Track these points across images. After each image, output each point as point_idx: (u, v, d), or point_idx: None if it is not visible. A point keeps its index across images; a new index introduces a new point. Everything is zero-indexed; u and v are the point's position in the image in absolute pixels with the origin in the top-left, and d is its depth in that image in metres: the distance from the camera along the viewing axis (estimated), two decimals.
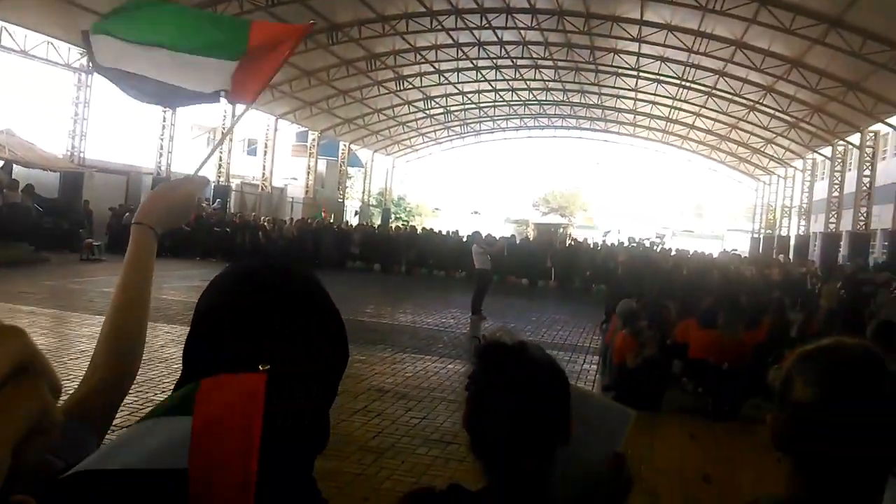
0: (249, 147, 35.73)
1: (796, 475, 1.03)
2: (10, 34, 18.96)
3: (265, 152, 31.64)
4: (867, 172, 24.64)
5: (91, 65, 1.68)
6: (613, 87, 30.64)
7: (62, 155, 21.53)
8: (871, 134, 24.86)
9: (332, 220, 28.84)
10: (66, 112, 21.67)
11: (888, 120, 22.35)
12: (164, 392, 6.44)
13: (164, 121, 24.44)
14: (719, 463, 5.68)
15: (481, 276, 13.91)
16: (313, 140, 34.61)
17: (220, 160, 28.21)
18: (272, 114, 30.26)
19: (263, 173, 31.70)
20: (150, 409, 0.80)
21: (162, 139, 24.59)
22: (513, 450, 1.20)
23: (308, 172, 34.80)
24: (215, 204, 26.26)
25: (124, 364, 1.14)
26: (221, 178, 28.33)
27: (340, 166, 38.24)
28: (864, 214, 24.23)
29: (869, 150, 24.94)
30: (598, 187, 57.21)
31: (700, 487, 5.11)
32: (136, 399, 6.05)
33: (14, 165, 18.72)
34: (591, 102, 34.26)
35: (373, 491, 4.69)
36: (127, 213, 17.41)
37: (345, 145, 37.57)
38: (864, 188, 24.51)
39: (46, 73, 21.96)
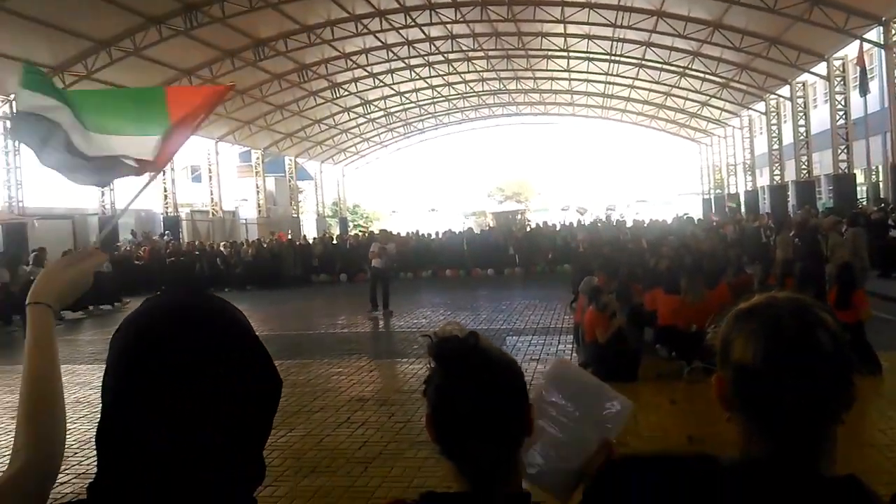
0: (194, 174, 35.07)
1: (748, 435, 1.03)
2: None
3: (210, 177, 31.07)
4: (802, 122, 25.36)
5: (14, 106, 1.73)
6: (546, 70, 30.92)
7: (1, 207, 20.81)
8: (800, 85, 25.61)
9: (289, 238, 28.52)
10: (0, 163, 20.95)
11: (813, 70, 23.05)
12: None
13: None
14: (701, 424, 5.78)
15: (374, 274, 14.25)
16: (257, 158, 34.13)
17: (166, 191, 27.63)
18: (211, 137, 29.73)
19: (212, 199, 31.13)
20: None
21: None
22: (483, 445, 1.17)
23: (257, 192, 34.32)
24: (165, 236, 25.71)
25: (46, 447, 1.11)
26: (169, 209, 27.74)
27: (289, 181, 37.81)
28: (806, 163, 24.96)
29: (800, 101, 25.67)
30: (548, 169, 57.80)
31: (686, 450, 5.20)
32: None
33: None
34: (527, 87, 34.52)
35: (365, 501, 4.66)
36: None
37: (290, 160, 37.15)
38: (802, 138, 25.23)
39: None
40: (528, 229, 27.60)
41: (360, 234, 30.56)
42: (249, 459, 0.86)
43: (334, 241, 26.98)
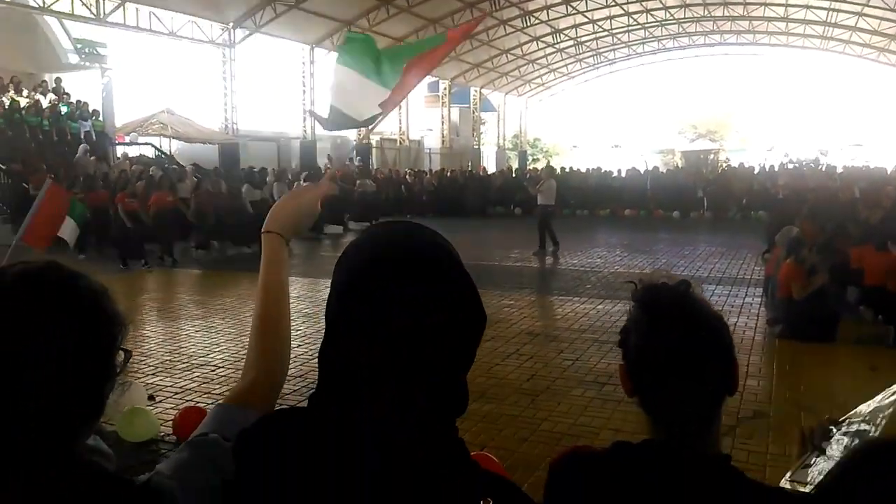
0: None
1: None
2: (158, 19, 20.35)
3: (400, 107, 32.16)
4: None
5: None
6: None
7: (218, 128, 23.11)
8: None
9: (471, 169, 29.09)
10: (217, 87, 23.13)
11: None
12: None
13: (304, 86, 25.48)
14: None
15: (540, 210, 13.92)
16: (444, 89, 34.66)
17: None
18: None
19: (400, 127, 32.31)
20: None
21: (304, 105, 25.70)
22: (685, 398, 1.13)
23: (442, 122, 35.05)
24: (357, 161, 27.23)
25: (274, 362, 1.22)
26: (362, 137, 29.21)
27: (473, 113, 38.12)
28: None
29: None
30: (749, 106, 53.02)
31: None
32: (306, 351, 6.50)
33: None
34: (735, 14, 31.48)
35: (531, 432, 4.75)
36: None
37: (476, 91, 37.31)
38: None
39: (194, 51, 23.37)
40: (721, 170, 25.77)
41: (537, 169, 30.37)
42: (455, 388, 0.89)
43: (514, 175, 27.02)
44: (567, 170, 25.90)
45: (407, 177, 25.39)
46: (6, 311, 0.83)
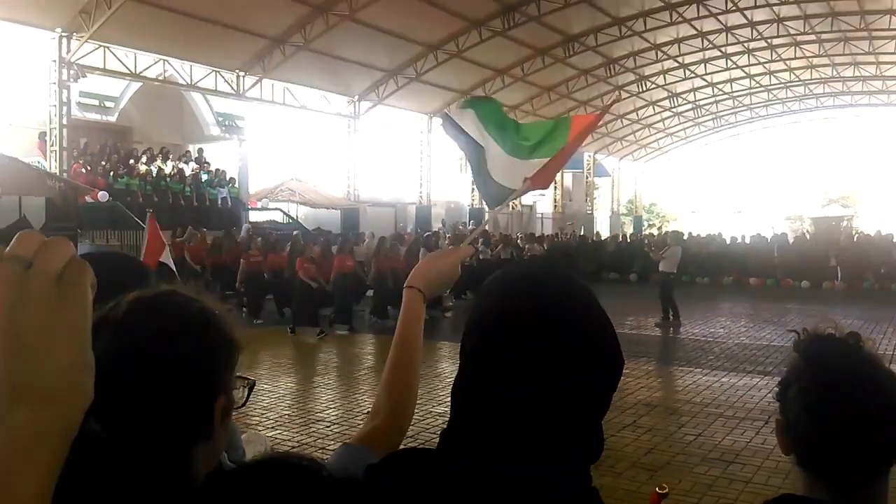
0: None
1: None
2: (291, 93, 21.88)
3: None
4: None
5: (448, 124, 2.05)
6: (894, 54, 26.46)
7: (341, 194, 24.29)
8: None
9: (582, 233, 28.84)
10: (341, 155, 24.42)
11: None
12: (440, 404, 6.88)
13: (422, 153, 26.42)
14: None
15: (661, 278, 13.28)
16: None
17: (473, 184, 29.74)
18: None
19: None
20: (429, 420, 0.89)
21: (421, 172, 26.61)
22: (856, 461, 1.05)
23: (555, 187, 35.08)
24: (470, 226, 27.67)
25: (401, 408, 1.29)
26: (475, 202, 29.77)
27: (587, 178, 37.96)
28: None
29: None
30: (886, 170, 49.52)
31: None
32: (416, 412, 6.55)
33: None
34: (866, 74, 29.92)
35: None
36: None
37: (589, 156, 37.25)
38: None
39: (321, 122, 24.84)
40: (856, 238, 24.09)
41: (654, 234, 29.67)
42: (590, 433, 0.89)
43: (628, 240, 26.50)
44: (686, 235, 25.09)
45: (518, 241, 25.48)
46: (119, 331, 0.86)
